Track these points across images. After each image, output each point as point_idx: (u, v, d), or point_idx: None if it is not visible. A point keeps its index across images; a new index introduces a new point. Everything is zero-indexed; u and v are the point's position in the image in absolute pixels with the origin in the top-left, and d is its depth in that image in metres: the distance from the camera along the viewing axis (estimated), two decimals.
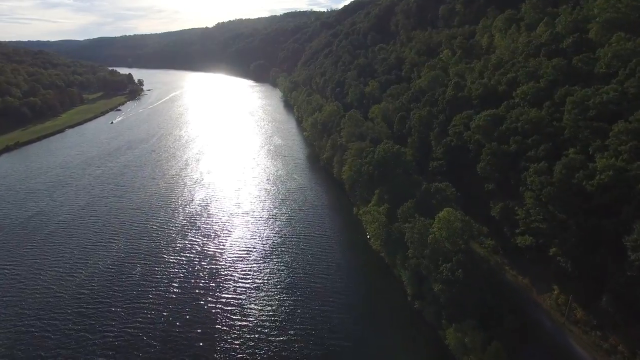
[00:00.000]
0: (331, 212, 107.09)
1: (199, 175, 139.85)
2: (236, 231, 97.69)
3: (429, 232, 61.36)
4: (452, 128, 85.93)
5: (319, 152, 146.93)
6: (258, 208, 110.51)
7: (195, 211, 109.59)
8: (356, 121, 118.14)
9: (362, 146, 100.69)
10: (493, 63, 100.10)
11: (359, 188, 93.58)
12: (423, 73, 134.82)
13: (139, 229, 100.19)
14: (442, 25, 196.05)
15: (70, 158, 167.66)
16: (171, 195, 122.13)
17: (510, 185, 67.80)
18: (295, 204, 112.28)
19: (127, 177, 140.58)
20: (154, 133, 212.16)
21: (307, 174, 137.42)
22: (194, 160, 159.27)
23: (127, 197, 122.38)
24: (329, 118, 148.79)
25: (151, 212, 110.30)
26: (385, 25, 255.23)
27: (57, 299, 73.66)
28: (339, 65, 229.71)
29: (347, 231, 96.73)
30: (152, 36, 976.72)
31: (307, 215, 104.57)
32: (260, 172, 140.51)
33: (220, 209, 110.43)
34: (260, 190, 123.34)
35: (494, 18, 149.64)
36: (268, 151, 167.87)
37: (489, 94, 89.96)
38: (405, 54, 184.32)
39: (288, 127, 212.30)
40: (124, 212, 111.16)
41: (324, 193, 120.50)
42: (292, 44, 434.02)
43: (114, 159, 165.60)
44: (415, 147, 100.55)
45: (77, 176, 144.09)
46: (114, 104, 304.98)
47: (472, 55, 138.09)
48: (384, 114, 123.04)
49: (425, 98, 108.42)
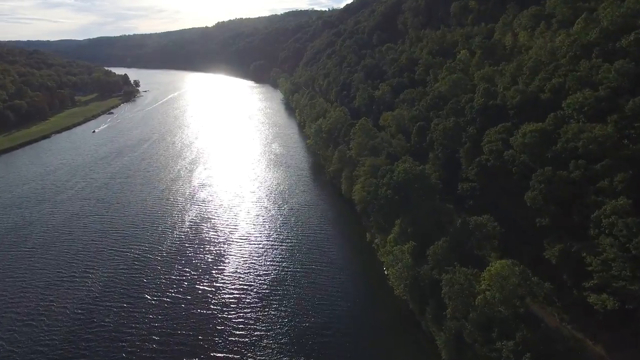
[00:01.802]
0: (340, 238, 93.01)
1: (192, 189, 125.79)
2: (231, 263, 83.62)
3: (474, 288, 47.47)
4: (488, 145, 71.77)
5: (324, 163, 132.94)
6: (256, 232, 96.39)
7: (184, 236, 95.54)
8: (368, 131, 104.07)
9: (376, 162, 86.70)
10: (529, 66, 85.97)
11: (375, 213, 79.58)
12: (441, 76, 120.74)
13: (118, 260, 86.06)
14: (454, 23, 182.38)
15: (52, 168, 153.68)
16: (158, 214, 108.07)
17: (572, 221, 53.81)
18: (299, 227, 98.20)
19: (111, 192, 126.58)
20: (147, 138, 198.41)
21: (312, 189, 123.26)
22: (187, 170, 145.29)
23: (109, 216, 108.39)
24: (334, 125, 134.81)
25: (134, 236, 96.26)
26: (392, 23, 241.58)
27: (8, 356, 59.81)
28: (344, 66, 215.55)
29: (359, 264, 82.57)
30: (151, 36, 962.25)
31: (313, 242, 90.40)
32: (260, 186, 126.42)
33: (214, 234, 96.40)
34: (260, 209, 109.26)
35: (514, 15, 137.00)
36: (268, 160, 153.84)
37: (528, 103, 75.88)
38: (416, 54, 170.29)
39: (289, 133, 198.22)
40: (103, 236, 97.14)
41: (331, 214, 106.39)
42: (293, 44, 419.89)
43: (100, 168, 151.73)
44: (439, 164, 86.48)
45: (57, 190, 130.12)
46: (107, 106, 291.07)
47: (495, 56, 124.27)
48: (399, 123, 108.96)
49: (448, 106, 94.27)
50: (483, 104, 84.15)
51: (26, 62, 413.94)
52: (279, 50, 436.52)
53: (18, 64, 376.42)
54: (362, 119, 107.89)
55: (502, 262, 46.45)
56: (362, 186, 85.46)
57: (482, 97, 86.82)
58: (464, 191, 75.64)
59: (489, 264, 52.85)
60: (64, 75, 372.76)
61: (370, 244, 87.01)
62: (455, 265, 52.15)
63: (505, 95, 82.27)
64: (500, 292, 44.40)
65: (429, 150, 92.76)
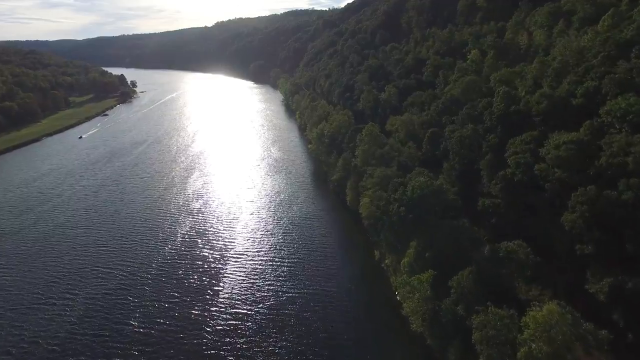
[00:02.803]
0: (346, 256, 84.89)
1: (186, 199, 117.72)
2: (226, 286, 75.56)
3: (514, 335, 39.59)
4: (514, 157, 63.75)
5: (326, 170, 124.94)
6: (254, 249, 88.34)
7: (176, 254, 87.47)
8: (375, 138, 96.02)
9: (386, 174, 78.68)
10: (555, 67, 77.97)
11: (385, 231, 71.59)
12: (452, 78, 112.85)
13: (102, 281, 78.02)
14: (461, 22, 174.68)
15: (40, 174, 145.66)
16: (149, 227, 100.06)
17: (625, 250, 45.90)
18: (300, 242, 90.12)
19: (100, 201, 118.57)
20: (142, 141, 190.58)
21: (314, 198, 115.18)
22: (182, 177, 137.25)
23: (96, 229, 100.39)
24: (338, 130, 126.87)
25: (122, 253, 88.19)
26: (395, 22, 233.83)
27: None
28: (346, 66, 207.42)
29: (367, 286, 74.56)
30: (151, 36, 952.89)
31: (316, 261, 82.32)
32: (258, 196, 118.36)
33: (208, 251, 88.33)
34: (258, 222, 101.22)
35: (526, 13, 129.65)
36: (268, 166, 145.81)
37: (558, 109, 67.92)
38: (422, 54, 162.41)
39: (290, 137, 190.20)
40: (88, 251, 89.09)
41: (335, 227, 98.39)
42: (293, 44, 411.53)
43: (91, 174, 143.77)
44: (455, 175, 78.48)
45: (43, 198, 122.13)
46: (102, 107, 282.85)
47: (508, 57, 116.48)
48: (408, 128, 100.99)
49: (463, 111, 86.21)
50: (504, 109, 76.22)
51: (21, 62, 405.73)
52: (279, 50, 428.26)
53: (13, 64, 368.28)
54: (369, 124, 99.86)
55: (549, 308, 38.49)
56: (371, 200, 77.48)
57: (501, 101, 78.88)
58: (484, 208, 67.68)
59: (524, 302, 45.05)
60: (60, 75, 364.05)
61: (379, 263, 79.19)
62: (488, 306, 44.14)
63: (529, 100, 74.33)
64: (548, 343, 36.56)
65: (442, 159, 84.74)
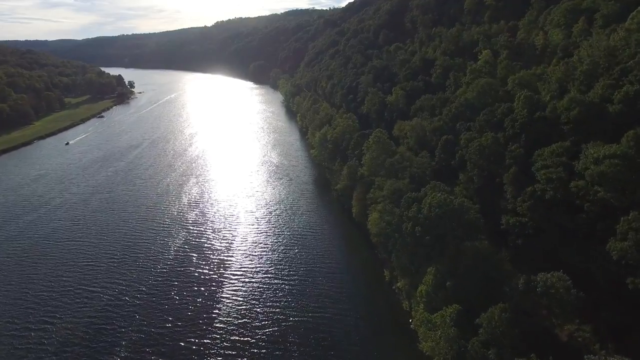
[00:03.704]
0: (353, 275, 77.67)
1: (181, 209, 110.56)
2: (222, 311, 68.39)
3: None
4: (544, 171, 56.64)
5: (330, 177, 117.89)
6: (253, 267, 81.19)
7: (168, 272, 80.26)
8: (384, 145, 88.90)
9: (398, 187, 71.59)
10: (584, 70, 70.87)
11: (397, 252, 64.53)
12: (465, 80, 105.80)
13: (86, 304, 70.84)
14: (468, 21, 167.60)
15: (28, 180, 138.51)
16: (140, 242, 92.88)
17: None
18: (303, 259, 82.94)
19: (89, 211, 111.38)
20: (137, 144, 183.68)
21: (317, 209, 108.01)
22: (178, 184, 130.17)
23: (83, 242, 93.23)
24: (342, 135, 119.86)
25: (109, 272, 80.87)
26: (399, 22, 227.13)
27: None
28: (349, 67, 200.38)
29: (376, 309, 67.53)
30: (150, 35, 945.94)
31: (320, 281, 75.14)
32: (258, 205, 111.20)
33: (204, 269, 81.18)
34: (258, 235, 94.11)
35: (538, 11, 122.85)
36: (268, 173, 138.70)
37: (591, 116, 60.87)
38: (429, 54, 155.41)
39: (291, 140, 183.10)
40: (72, 269, 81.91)
41: (340, 241, 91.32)
42: (293, 43, 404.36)
43: (82, 180, 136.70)
44: (473, 188, 71.43)
45: (28, 207, 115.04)
46: (98, 109, 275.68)
47: (524, 58, 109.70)
48: (418, 135, 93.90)
49: (481, 117, 79.01)
50: (527, 116, 69.15)
51: (17, 62, 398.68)
52: (279, 50, 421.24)
53: (8, 64, 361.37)
54: (377, 130, 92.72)
55: None
56: (381, 215, 70.41)
57: (524, 107, 71.85)
58: (509, 227, 60.66)
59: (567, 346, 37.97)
60: (56, 76, 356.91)
61: (390, 284, 72.10)
62: (531, 357, 37.15)
63: (557, 106, 67.26)
64: None
65: (458, 170, 77.63)
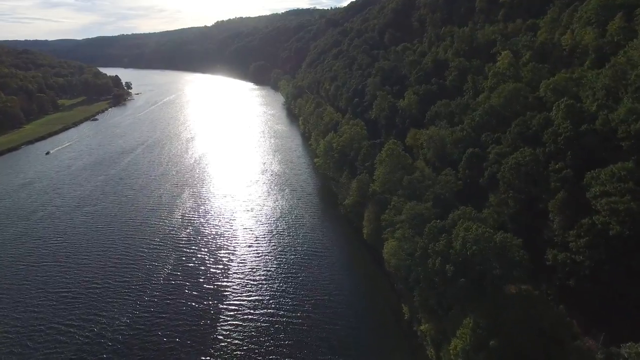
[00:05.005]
0: (364, 309, 67.59)
1: (173, 226, 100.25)
2: (214, 356, 58.61)
3: None
4: (607, 200, 46.57)
5: (336, 190, 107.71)
6: (252, 299, 71.04)
7: (155, 304, 70.19)
8: (398, 158, 78.82)
9: (419, 211, 61.58)
10: None
11: (421, 289, 54.51)
12: (488, 84, 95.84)
13: (56, 346, 61.15)
14: (481, 20, 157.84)
15: (11, 189, 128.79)
16: (125, 266, 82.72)
17: None
18: (308, 287, 72.79)
19: (72, 226, 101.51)
20: (130, 149, 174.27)
21: (322, 226, 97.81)
22: (171, 196, 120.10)
23: (60, 267, 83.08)
24: (349, 143, 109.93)
25: (87, 303, 70.95)
26: (405, 21, 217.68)
27: None
28: (354, 68, 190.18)
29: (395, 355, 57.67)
30: (150, 35, 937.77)
31: (328, 316, 65.21)
32: (258, 222, 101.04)
33: (196, 300, 71.21)
34: (257, 259, 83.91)
35: (561, 8, 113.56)
36: (268, 182, 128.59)
37: None
38: (440, 55, 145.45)
39: (293, 146, 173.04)
40: (44, 300, 72.03)
41: (350, 267, 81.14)
42: (295, 43, 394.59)
43: (69, 191, 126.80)
44: (508, 213, 61.34)
45: (7, 222, 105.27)
46: (92, 111, 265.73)
47: (551, 60, 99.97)
48: (437, 146, 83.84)
49: (513, 129, 68.89)
50: (572, 129, 59.13)
51: (13, 62, 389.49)
52: (280, 50, 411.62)
53: (3, 64, 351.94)
54: (390, 141, 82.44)
55: None
56: (399, 244, 60.40)
57: (565, 118, 61.86)
58: (557, 263, 50.65)
59: None
60: (51, 76, 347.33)
61: (410, 324, 62.12)
62: None
63: (608, 118, 57.28)
64: None
65: (488, 190, 67.53)
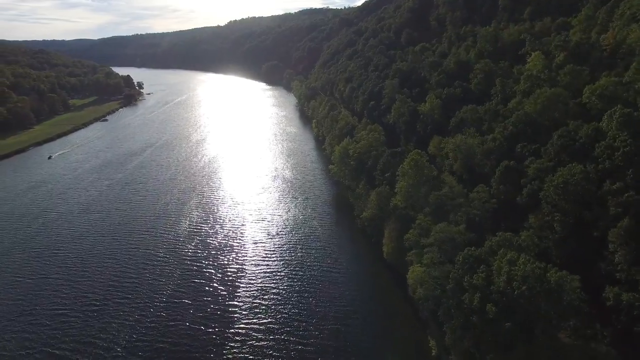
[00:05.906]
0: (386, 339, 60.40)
1: (178, 237, 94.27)
2: None
3: None
4: None
5: (352, 201, 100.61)
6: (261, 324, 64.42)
7: (157, 326, 64.13)
8: (422, 169, 71.35)
9: (450, 234, 54.17)
10: None
11: (454, 327, 47.15)
12: (520, 88, 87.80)
13: None
14: (504, 18, 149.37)
15: (14, 194, 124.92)
16: (126, 281, 76.85)
17: None
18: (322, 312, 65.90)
19: (73, 235, 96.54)
20: (139, 152, 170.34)
21: (338, 241, 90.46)
22: (178, 203, 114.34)
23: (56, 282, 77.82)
24: (367, 151, 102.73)
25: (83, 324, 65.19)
26: (423, 20, 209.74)
27: None
28: (370, 69, 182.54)
29: None
30: (164, 35, 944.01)
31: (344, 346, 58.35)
32: (268, 234, 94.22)
33: (201, 323, 64.95)
34: (267, 278, 77.11)
35: (595, 6, 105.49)
36: (280, 190, 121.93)
37: None
38: (461, 55, 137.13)
39: (305, 150, 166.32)
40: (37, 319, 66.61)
41: (370, 290, 73.54)
42: (307, 43, 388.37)
43: (73, 196, 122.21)
44: (553, 239, 53.45)
45: (8, 228, 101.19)
46: (103, 111, 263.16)
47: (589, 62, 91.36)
48: (465, 157, 76.11)
49: (557, 141, 60.76)
50: (632, 143, 51.06)
51: (28, 62, 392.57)
52: (293, 50, 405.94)
53: (19, 64, 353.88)
54: (414, 151, 74.69)
55: None
56: (427, 271, 53.12)
57: (621, 129, 53.78)
58: (619, 303, 42.87)
59: None
60: (64, 76, 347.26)
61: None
62: None
63: None
64: None
65: (527, 209, 59.64)
